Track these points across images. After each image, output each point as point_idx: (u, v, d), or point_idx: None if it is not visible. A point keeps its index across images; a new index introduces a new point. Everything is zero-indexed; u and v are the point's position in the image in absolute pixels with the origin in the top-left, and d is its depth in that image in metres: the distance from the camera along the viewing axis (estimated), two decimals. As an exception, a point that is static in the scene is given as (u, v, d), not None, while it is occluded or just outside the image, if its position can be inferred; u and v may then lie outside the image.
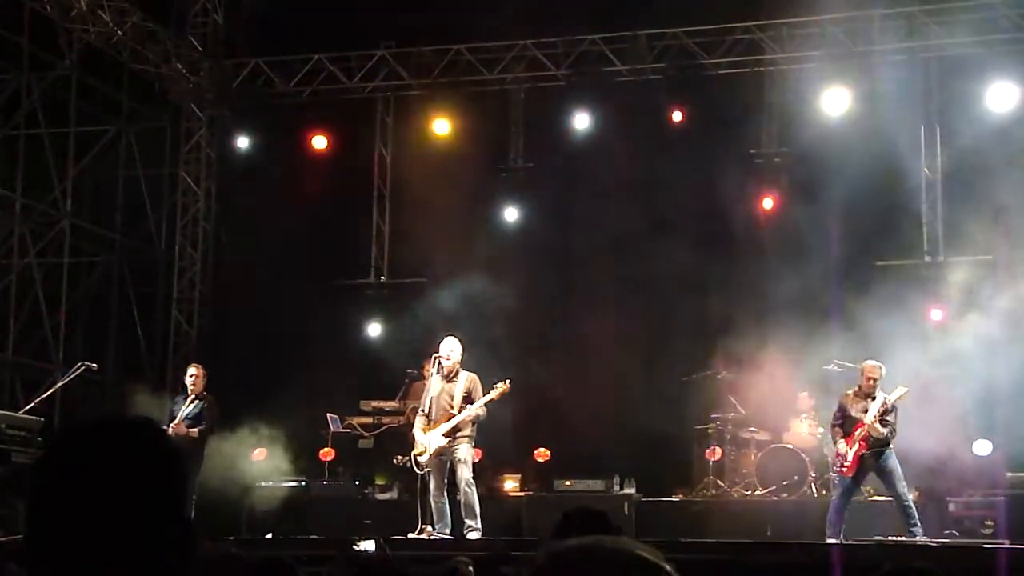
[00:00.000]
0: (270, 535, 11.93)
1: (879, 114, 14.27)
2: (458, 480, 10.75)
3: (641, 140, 15.02)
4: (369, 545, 8.78)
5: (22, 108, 15.25)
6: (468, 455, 10.82)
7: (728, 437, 13.54)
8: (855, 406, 10.91)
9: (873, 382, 10.84)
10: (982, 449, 12.31)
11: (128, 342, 16.63)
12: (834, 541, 10.40)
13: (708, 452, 13.50)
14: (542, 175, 15.83)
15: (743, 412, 13.57)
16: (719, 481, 13.32)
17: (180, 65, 16.12)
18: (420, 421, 10.97)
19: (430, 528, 10.78)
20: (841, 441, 10.89)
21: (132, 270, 16.89)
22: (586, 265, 14.94)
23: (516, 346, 14.46)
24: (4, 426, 10.40)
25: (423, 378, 12.47)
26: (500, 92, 16.18)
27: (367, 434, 13.88)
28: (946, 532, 11.33)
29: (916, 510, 10.66)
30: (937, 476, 11.93)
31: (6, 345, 15.04)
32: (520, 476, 13.89)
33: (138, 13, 15.28)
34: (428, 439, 10.79)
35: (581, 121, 15.55)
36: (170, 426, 11.35)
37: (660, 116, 15.17)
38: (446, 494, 10.88)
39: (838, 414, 11.08)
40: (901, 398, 10.88)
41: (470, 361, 11.16)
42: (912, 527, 10.50)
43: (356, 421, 13.99)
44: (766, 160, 15.18)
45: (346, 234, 16.44)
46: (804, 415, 13.21)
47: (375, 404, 14.02)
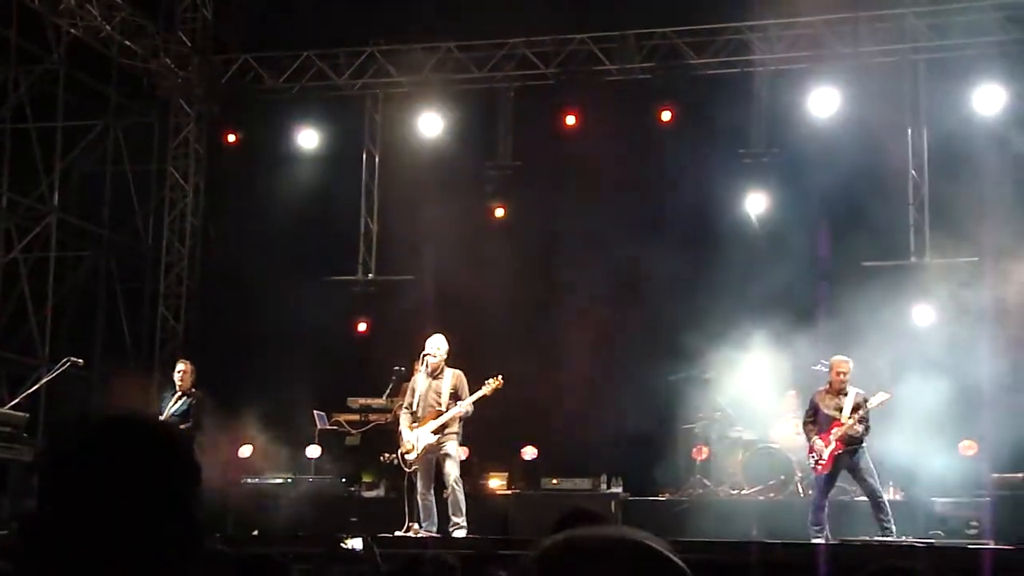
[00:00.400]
0: (256, 532, 11.89)
1: (867, 115, 14.33)
2: (446, 477, 10.75)
3: (630, 139, 15.04)
4: (357, 543, 8.75)
5: (9, 102, 15.17)
6: (456, 451, 10.85)
7: (715, 436, 13.57)
8: (828, 403, 10.95)
9: (843, 376, 10.91)
10: (967, 450, 12.35)
11: (115, 338, 16.55)
12: (820, 541, 10.44)
13: (695, 451, 13.52)
14: (531, 173, 15.82)
15: (730, 412, 13.60)
16: (705, 480, 13.33)
17: (169, 60, 16.08)
18: (406, 418, 10.97)
19: (417, 526, 10.78)
20: (817, 438, 10.93)
21: (119, 265, 16.80)
22: (574, 263, 14.93)
23: (503, 344, 14.44)
24: (-11, 421, 10.38)
25: (411, 375, 12.46)
26: (489, 90, 16.16)
27: (354, 431, 13.85)
28: (931, 532, 11.36)
29: (891, 509, 10.70)
30: (922, 477, 11.97)
31: (-8, 340, 14.99)
32: (507, 474, 13.86)
33: (127, 8, 15.24)
34: (416, 436, 10.80)
35: (570, 120, 15.55)
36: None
37: (649, 116, 15.18)
38: (433, 492, 10.89)
39: (810, 412, 11.14)
40: (882, 404, 10.92)
41: (458, 359, 11.16)
42: (885, 524, 10.54)
43: (343, 418, 13.96)
44: (754, 160, 15.18)
45: (334, 231, 16.40)
46: (790, 415, 13.23)
47: (362, 401, 13.98)
